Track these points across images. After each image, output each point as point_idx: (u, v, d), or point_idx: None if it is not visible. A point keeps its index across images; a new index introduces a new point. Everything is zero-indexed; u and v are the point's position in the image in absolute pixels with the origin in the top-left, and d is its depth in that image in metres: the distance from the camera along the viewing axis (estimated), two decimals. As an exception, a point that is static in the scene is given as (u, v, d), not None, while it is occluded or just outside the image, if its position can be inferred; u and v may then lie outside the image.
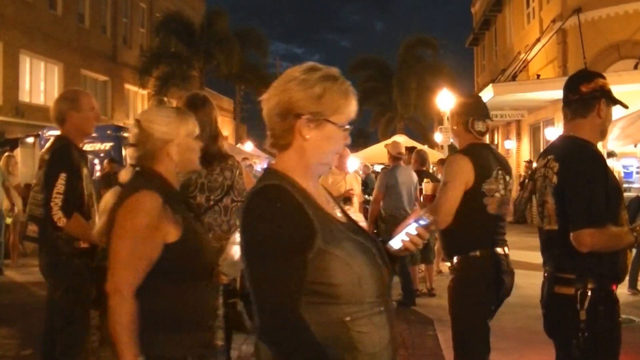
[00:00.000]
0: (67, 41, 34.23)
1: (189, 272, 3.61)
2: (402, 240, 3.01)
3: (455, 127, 5.93)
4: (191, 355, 3.53)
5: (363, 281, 2.71)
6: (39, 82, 32.78)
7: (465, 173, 5.60)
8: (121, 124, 28.12)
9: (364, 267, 2.73)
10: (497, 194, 5.58)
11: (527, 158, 30.67)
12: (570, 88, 4.71)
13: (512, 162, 35.25)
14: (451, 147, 35.04)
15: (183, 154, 3.74)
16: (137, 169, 3.74)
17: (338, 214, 2.91)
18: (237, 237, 3.90)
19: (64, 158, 5.83)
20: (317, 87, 2.80)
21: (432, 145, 35.91)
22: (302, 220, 2.66)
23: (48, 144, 6.16)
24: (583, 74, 4.93)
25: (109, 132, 22.21)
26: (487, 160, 5.71)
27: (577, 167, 4.45)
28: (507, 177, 5.71)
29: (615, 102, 4.68)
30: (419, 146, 17.88)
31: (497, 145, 40.52)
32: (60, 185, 5.58)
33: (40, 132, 22.23)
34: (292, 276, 2.61)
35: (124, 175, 3.72)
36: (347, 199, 11.29)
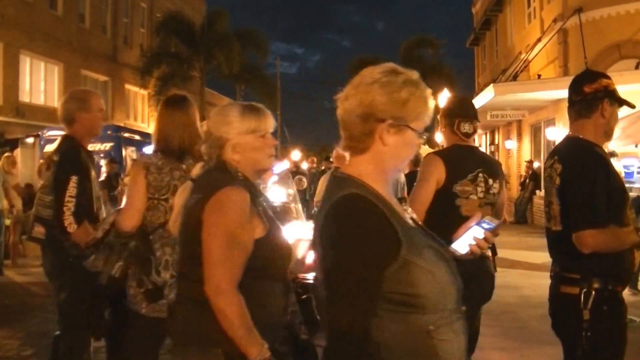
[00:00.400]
0: (68, 41, 34.24)
1: (271, 267, 3.61)
2: (469, 245, 3.00)
3: (443, 129, 5.92)
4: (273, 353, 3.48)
5: (445, 289, 2.68)
6: (39, 82, 32.79)
7: (435, 173, 5.62)
8: (121, 124, 28.17)
9: (444, 274, 2.70)
10: (473, 197, 5.57)
11: (527, 158, 30.69)
12: (574, 89, 4.72)
13: (513, 162, 35.31)
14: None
15: (244, 153, 3.71)
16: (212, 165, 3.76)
17: (408, 219, 2.84)
18: (302, 234, 3.99)
19: (74, 160, 5.81)
20: (403, 91, 2.72)
21: (433, 145, 35.83)
22: (388, 232, 2.57)
23: (55, 145, 6.13)
24: (586, 74, 4.91)
25: (109, 132, 22.29)
26: (464, 162, 5.71)
27: (578, 168, 4.47)
28: (491, 180, 5.66)
29: (621, 102, 4.68)
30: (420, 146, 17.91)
31: (497, 145, 40.55)
32: (72, 188, 5.56)
33: (40, 133, 22.31)
34: (371, 292, 2.54)
35: (195, 171, 3.80)
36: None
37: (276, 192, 23.04)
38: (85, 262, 5.13)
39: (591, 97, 4.58)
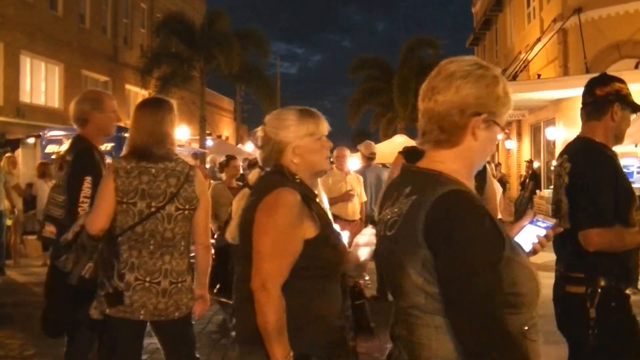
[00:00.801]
0: (68, 41, 34.26)
1: (322, 269, 3.63)
2: (532, 243, 2.99)
3: None
4: (315, 355, 3.53)
5: (538, 286, 2.63)
6: (40, 82, 32.79)
7: (395, 172, 5.54)
8: (122, 125, 28.22)
9: (535, 271, 2.65)
10: None
11: (527, 158, 30.83)
12: (587, 90, 4.76)
13: (513, 162, 35.49)
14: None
15: (303, 156, 3.75)
16: (267, 169, 3.82)
17: None
18: (363, 238, 4.00)
19: (88, 161, 5.81)
20: (499, 87, 2.69)
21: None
22: (495, 228, 2.51)
23: (67, 145, 6.14)
24: (601, 77, 4.88)
25: (110, 132, 22.31)
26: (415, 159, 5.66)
27: (587, 167, 4.50)
28: None
29: (635, 108, 4.71)
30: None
31: (497, 144, 40.54)
32: (86, 189, 5.57)
33: (41, 133, 22.32)
34: (499, 288, 2.46)
35: (252, 177, 3.85)
36: None
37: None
38: (57, 261, 5.17)
39: (602, 99, 4.62)
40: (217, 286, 9.61)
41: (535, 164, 29.36)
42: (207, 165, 28.18)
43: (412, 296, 2.56)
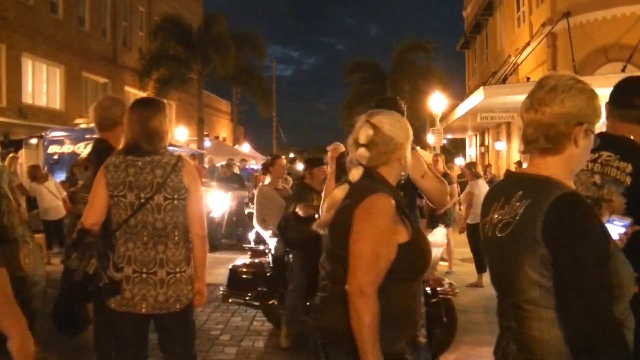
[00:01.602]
0: (68, 44, 34.63)
1: (411, 271, 3.70)
2: (615, 240, 3.05)
3: None
4: (408, 352, 3.63)
5: (633, 277, 2.83)
6: (42, 84, 33.07)
7: (332, 172, 6.03)
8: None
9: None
10: None
11: (517, 159, 30.93)
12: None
13: (502, 163, 35.61)
14: (443, 149, 35.57)
15: (406, 159, 3.87)
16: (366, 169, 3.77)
17: None
18: (434, 238, 4.06)
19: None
20: (596, 100, 2.94)
21: (425, 146, 36.28)
22: (603, 228, 2.81)
23: (90, 147, 6.35)
24: None
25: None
26: None
27: None
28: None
29: None
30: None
31: (487, 146, 40.90)
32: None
33: (43, 134, 22.59)
34: (609, 280, 2.69)
35: (355, 175, 3.73)
36: None
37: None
38: (66, 261, 5.15)
39: None
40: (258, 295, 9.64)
41: (524, 166, 29.47)
42: (206, 166, 28.72)
43: (527, 291, 2.79)
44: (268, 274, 9.79)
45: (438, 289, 8.15)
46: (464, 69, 54.58)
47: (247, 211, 21.70)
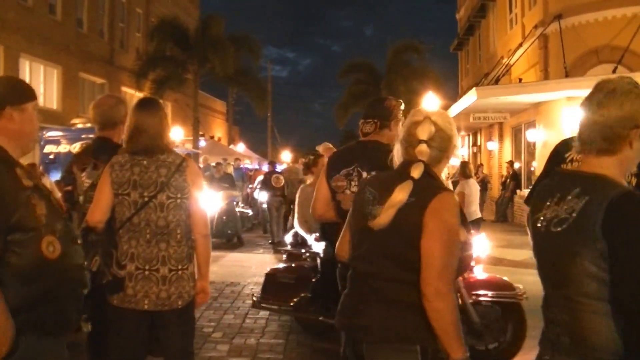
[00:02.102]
0: (66, 45, 34.75)
1: (461, 269, 3.90)
2: None
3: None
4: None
5: None
6: (39, 85, 32.97)
7: (323, 171, 6.12)
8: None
9: None
10: (347, 191, 5.72)
11: (509, 159, 31.20)
12: None
13: (495, 163, 35.64)
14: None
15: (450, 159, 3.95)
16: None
17: None
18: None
19: None
20: None
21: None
22: None
23: (93, 145, 6.30)
24: None
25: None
26: (343, 158, 5.99)
27: None
28: (365, 174, 5.68)
29: None
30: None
31: (480, 146, 40.91)
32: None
33: (40, 134, 22.68)
34: None
35: (417, 172, 3.68)
36: None
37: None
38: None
39: None
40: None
41: (516, 165, 29.67)
42: (201, 165, 28.96)
43: (583, 284, 2.89)
44: (313, 280, 9.06)
45: (498, 292, 8.17)
46: (457, 70, 54.74)
47: (237, 210, 22.24)
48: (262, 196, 23.07)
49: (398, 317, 3.61)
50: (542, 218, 3.14)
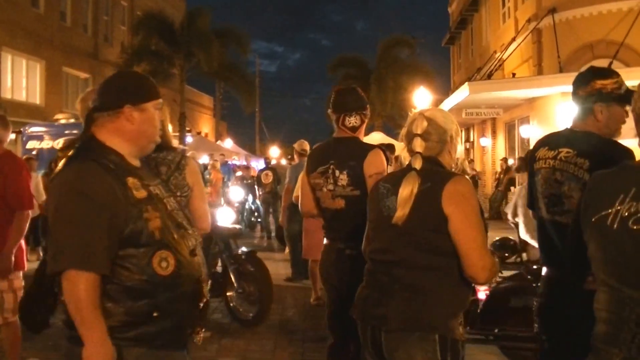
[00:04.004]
0: (49, 39, 34.47)
1: None
2: None
3: (334, 125, 5.87)
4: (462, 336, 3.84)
5: None
6: (21, 79, 32.93)
7: (305, 167, 5.97)
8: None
9: None
10: (324, 189, 5.62)
11: (502, 155, 30.86)
12: (572, 91, 4.72)
13: (488, 159, 35.54)
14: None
15: (454, 152, 4.11)
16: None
17: None
18: None
19: None
20: None
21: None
22: None
23: (77, 140, 6.23)
24: (581, 77, 4.77)
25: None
26: (319, 155, 5.83)
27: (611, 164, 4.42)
28: (338, 172, 5.59)
29: (622, 100, 4.51)
30: (396, 143, 18.30)
31: (472, 142, 40.83)
32: None
33: (22, 129, 22.45)
34: None
35: (417, 162, 3.86)
36: None
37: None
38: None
39: (584, 100, 4.56)
40: None
41: (510, 161, 29.43)
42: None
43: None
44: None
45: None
46: (449, 65, 54.55)
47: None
48: (237, 194, 23.53)
49: (417, 306, 3.70)
50: (614, 214, 2.95)
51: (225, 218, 10.98)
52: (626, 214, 2.88)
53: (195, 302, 3.60)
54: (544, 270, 4.76)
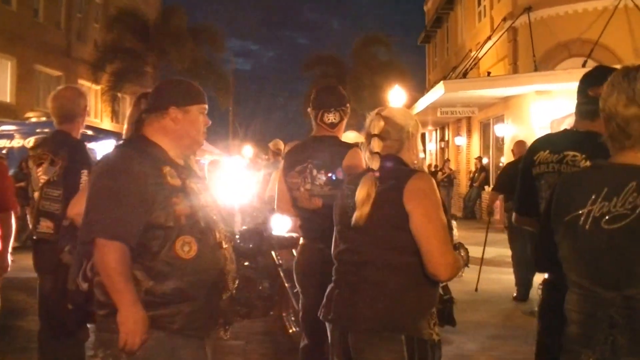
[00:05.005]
0: (21, 36, 34.04)
1: None
2: None
3: (313, 121, 5.88)
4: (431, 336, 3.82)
5: None
6: (-8, 76, 32.43)
7: (282, 166, 5.97)
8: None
9: None
10: (302, 188, 5.60)
11: (477, 154, 30.91)
12: (580, 90, 4.64)
13: (463, 158, 35.55)
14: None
15: (416, 148, 4.11)
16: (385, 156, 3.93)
17: None
18: None
19: (84, 155, 5.96)
20: None
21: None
22: None
23: (51, 139, 6.19)
24: (593, 75, 4.67)
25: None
26: (297, 154, 5.83)
27: None
28: (315, 171, 5.60)
29: None
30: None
31: (447, 141, 40.83)
32: (85, 182, 5.56)
33: (-8, 128, 22.16)
34: None
35: (375, 163, 3.86)
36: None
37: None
38: (62, 254, 5.09)
39: (594, 101, 4.24)
40: None
41: (485, 160, 29.51)
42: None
43: None
44: None
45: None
46: (425, 64, 54.57)
47: None
48: None
49: (384, 306, 3.70)
50: (586, 214, 2.95)
51: (280, 225, 9.27)
52: (598, 214, 2.88)
53: (217, 292, 3.77)
54: (545, 275, 4.61)
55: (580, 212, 2.97)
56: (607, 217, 2.86)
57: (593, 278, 2.96)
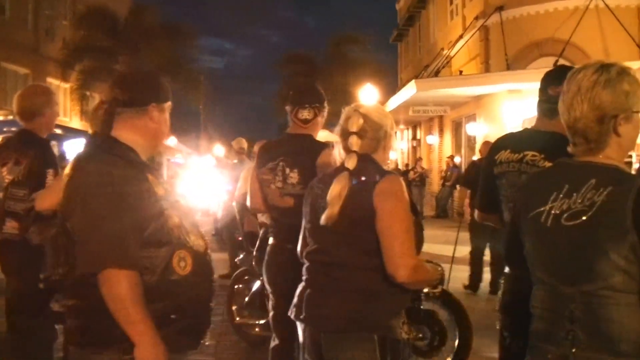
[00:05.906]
0: (-12, 33, 33.55)
1: (416, 247, 4.02)
2: None
3: (289, 119, 5.89)
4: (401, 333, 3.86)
5: None
6: (-43, 75, 32.03)
7: (254, 163, 6.02)
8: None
9: None
10: (273, 186, 5.59)
11: (449, 153, 31.12)
12: (541, 88, 4.78)
13: (435, 157, 35.77)
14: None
15: (392, 145, 4.14)
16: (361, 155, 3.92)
17: None
18: None
19: (49, 154, 5.96)
20: (624, 84, 2.94)
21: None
22: None
23: (16, 139, 6.17)
24: (554, 74, 4.82)
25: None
26: (270, 151, 5.81)
27: None
28: (288, 170, 5.58)
29: None
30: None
31: (419, 140, 40.98)
32: (50, 182, 5.63)
33: (-44, 127, 21.91)
34: None
35: (352, 162, 3.85)
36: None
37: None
38: (26, 235, 5.26)
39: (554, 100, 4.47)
40: None
41: (457, 159, 29.68)
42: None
43: (608, 277, 2.79)
44: None
45: None
46: (397, 62, 54.64)
47: None
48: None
49: (357, 306, 3.72)
50: (547, 211, 3.03)
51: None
52: (559, 211, 2.96)
53: (209, 303, 3.61)
54: (507, 268, 4.60)
55: (542, 209, 3.04)
56: (567, 214, 2.93)
57: (554, 274, 3.03)
